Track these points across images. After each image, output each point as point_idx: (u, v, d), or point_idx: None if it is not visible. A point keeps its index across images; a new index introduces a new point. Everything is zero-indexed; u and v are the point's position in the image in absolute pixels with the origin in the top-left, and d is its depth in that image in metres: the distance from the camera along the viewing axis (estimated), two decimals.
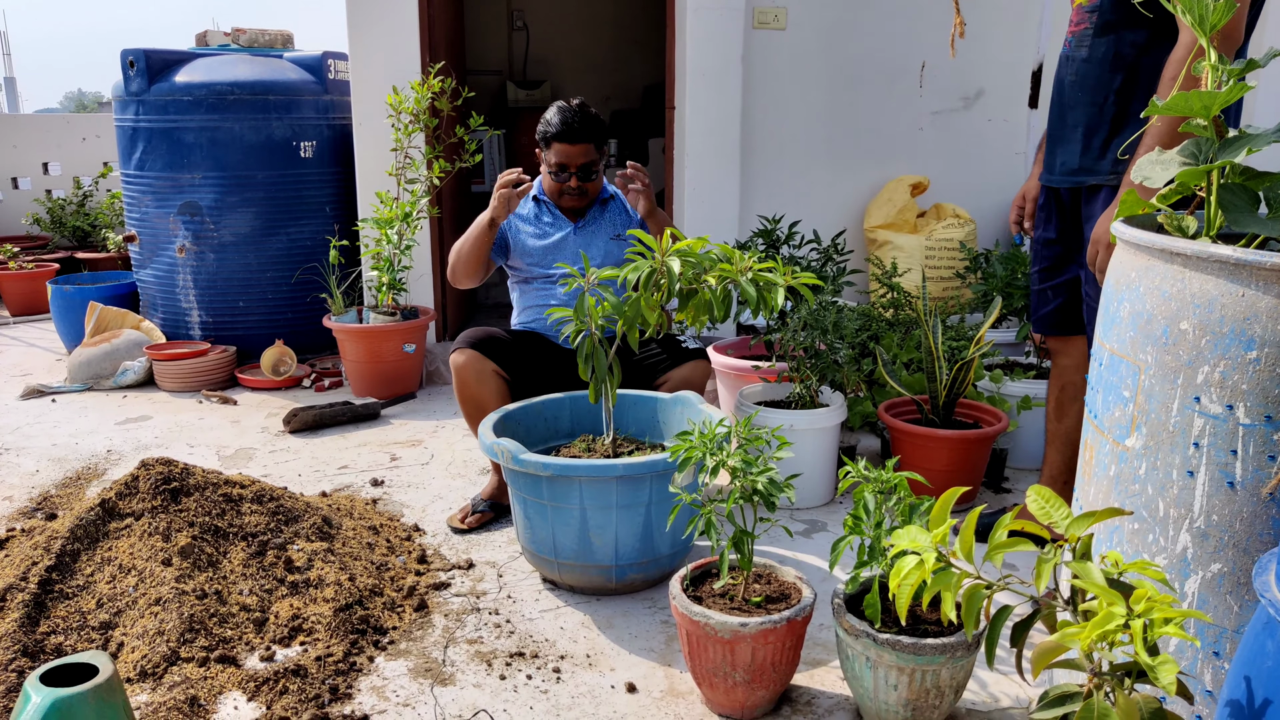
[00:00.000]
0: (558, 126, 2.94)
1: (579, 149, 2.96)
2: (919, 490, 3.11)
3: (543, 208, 3.14)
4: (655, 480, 2.44)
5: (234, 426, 4.06)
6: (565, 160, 2.97)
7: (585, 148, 2.97)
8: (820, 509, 3.20)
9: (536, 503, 2.50)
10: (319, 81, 4.93)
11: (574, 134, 2.94)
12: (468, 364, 2.89)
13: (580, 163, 2.98)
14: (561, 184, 3.01)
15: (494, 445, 2.51)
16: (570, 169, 2.98)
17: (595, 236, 3.13)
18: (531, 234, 3.12)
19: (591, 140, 2.97)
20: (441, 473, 3.54)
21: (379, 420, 4.13)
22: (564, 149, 2.96)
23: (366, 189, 4.70)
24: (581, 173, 2.99)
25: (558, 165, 2.98)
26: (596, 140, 2.98)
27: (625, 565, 2.52)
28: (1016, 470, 3.52)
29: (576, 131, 2.94)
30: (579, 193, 3.03)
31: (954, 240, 5.08)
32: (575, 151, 2.96)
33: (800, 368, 3.16)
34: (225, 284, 4.87)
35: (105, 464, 3.65)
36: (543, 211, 3.14)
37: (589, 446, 2.77)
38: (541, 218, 3.14)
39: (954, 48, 2.82)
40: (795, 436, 3.08)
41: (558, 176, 3.00)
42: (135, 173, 4.90)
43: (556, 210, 3.12)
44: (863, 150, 5.43)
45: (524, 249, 3.13)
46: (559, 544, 2.51)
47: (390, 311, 4.40)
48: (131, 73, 4.76)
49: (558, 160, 2.98)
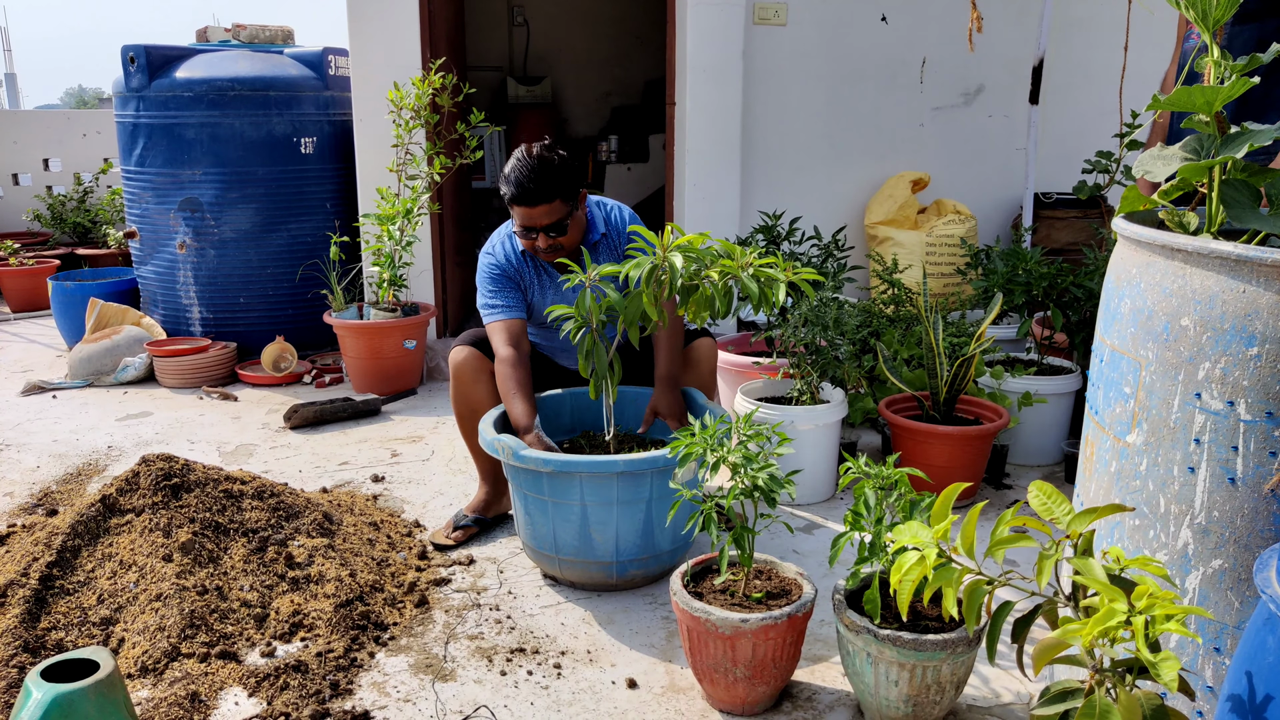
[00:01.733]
0: (513, 188, 2.66)
1: (539, 210, 2.66)
2: (920, 486, 3.11)
3: (529, 259, 2.89)
4: (656, 476, 2.44)
5: (235, 423, 4.06)
6: (528, 223, 2.70)
7: (547, 207, 2.66)
8: (821, 505, 3.20)
9: (537, 499, 2.50)
10: (320, 77, 4.92)
11: (531, 195, 2.64)
12: (467, 362, 2.85)
13: (544, 223, 2.68)
14: (531, 244, 2.75)
15: (495, 441, 2.51)
16: (535, 228, 2.71)
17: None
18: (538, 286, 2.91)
19: (554, 197, 2.65)
20: (442, 469, 3.54)
21: (380, 416, 4.13)
22: (524, 212, 2.68)
23: (367, 185, 4.70)
24: (549, 230, 2.70)
25: (522, 228, 2.72)
26: (562, 193, 2.67)
27: (626, 561, 2.52)
28: (1018, 466, 3.52)
29: (533, 193, 2.63)
30: (551, 250, 2.75)
31: (954, 236, 5.08)
32: (536, 214, 2.67)
33: (801, 364, 3.16)
34: (226, 280, 4.87)
35: (106, 460, 3.65)
36: (530, 264, 2.89)
37: (590, 442, 2.77)
38: (534, 274, 2.90)
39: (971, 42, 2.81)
40: (796, 433, 3.07)
41: (525, 237, 2.74)
42: (136, 169, 4.90)
43: (543, 262, 2.89)
44: (863, 146, 5.42)
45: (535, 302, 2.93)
46: (560, 540, 2.51)
47: (391, 308, 4.40)
48: (132, 69, 4.76)
49: (520, 223, 2.72)
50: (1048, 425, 3.48)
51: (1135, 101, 5.16)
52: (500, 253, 2.90)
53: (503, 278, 2.86)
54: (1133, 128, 4.94)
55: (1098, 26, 5.50)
